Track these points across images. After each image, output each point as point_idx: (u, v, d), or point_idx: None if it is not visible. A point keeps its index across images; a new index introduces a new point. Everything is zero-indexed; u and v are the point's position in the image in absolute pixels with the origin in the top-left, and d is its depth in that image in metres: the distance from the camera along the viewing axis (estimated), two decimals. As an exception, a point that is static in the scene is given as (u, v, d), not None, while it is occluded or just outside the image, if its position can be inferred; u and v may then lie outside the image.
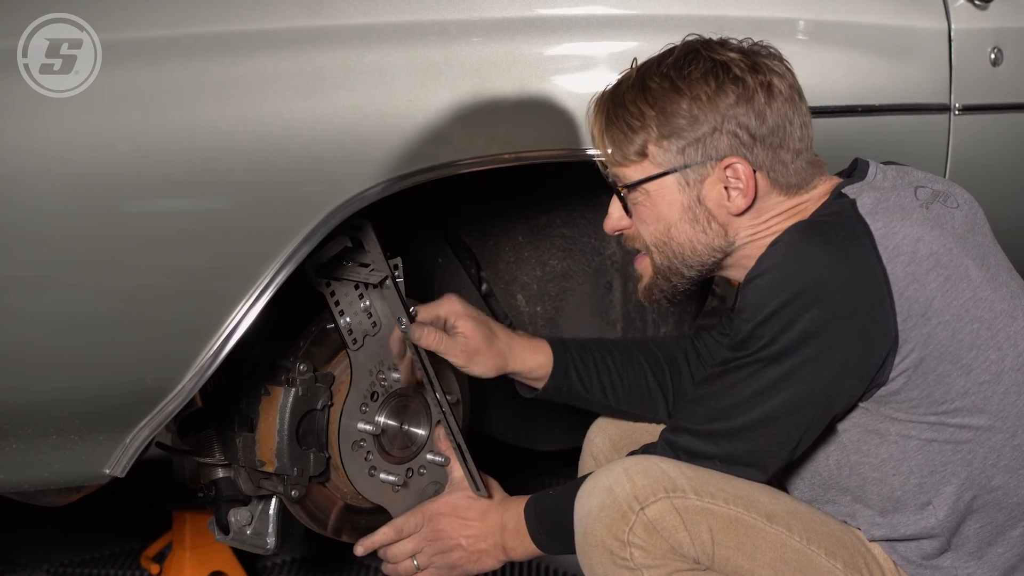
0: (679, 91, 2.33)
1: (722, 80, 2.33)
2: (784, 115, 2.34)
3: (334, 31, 2.39)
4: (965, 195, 2.46)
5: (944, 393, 2.28)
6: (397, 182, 2.40)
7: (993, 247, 2.43)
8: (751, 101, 2.32)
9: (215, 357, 2.34)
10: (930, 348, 2.25)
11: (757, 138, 2.33)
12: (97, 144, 2.18)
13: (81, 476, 2.39)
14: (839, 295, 2.21)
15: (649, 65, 2.39)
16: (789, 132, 2.35)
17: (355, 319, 2.63)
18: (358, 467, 2.66)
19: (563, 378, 2.66)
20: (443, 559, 2.63)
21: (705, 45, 2.38)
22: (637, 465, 2.32)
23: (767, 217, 2.39)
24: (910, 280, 2.23)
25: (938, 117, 3.20)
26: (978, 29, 3.28)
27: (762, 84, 2.33)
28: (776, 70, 2.36)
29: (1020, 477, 2.33)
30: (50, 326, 2.21)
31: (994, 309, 2.31)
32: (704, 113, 2.33)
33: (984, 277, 2.32)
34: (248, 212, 2.30)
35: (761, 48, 2.39)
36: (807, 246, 2.24)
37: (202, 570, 3.25)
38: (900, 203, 2.33)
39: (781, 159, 2.35)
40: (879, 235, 2.25)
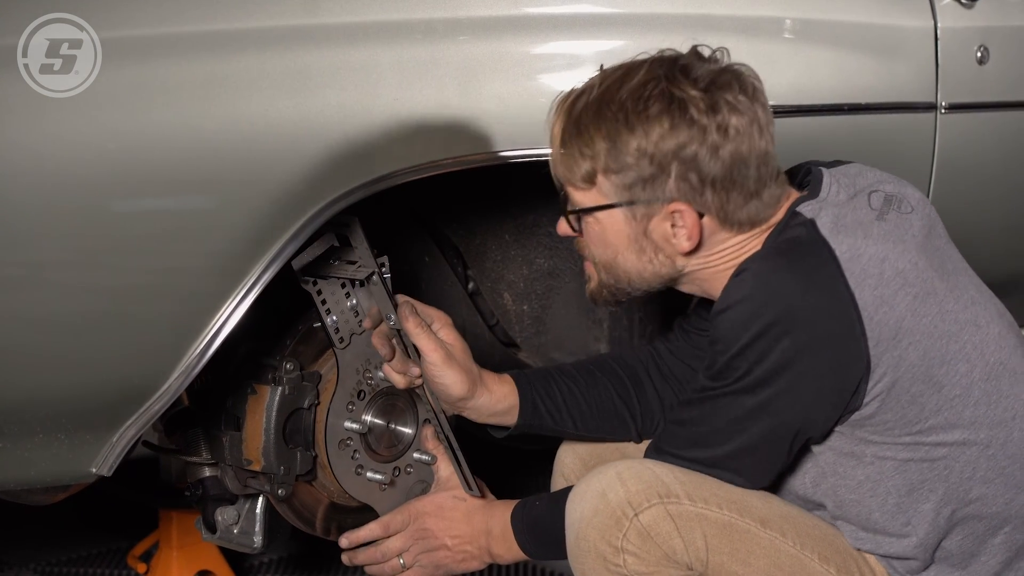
0: (631, 128, 2.26)
1: (677, 121, 2.25)
2: (739, 158, 2.26)
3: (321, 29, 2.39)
4: (916, 195, 2.44)
5: (918, 413, 2.27)
6: (383, 180, 2.40)
7: (948, 248, 2.42)
8: (704, 145, 2.25)
9: (202, 356, 2.34)
10: (902, 370, 2.24)
11: (707, 182, 2.27)
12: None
13: (68, 475, 2.39)
14: (810, 324, 2.21)
15: (610, 85, 2.30)
16: (743, 174, 2.28)
17: (341, 317, 2.62)
18: (345, 466, 2.66)
19: (532, 414, 2.62)
20: (428, 558, 2.63)
21: (669, 74, 2.28)
22: (630, 470, 2.31)
23: (718, 250, 2.36)
24: (879, 303, 2.22)
25: (924, 116, 3.20)
26: (964, 28, 3.28)
27: (719, 127, 2.25)
28: (738, 107, 2.26)
29: (997, 487, 2.33)
30: (37, 325, 2.21)
31: (959, 320, 2.30)
32: (653, 155, 2.27)
33: (947, 287, 2.31)
34: (234, 211, 2.30)
35: (730, 75, 2.29)
36: (774, 275, 2.23)
37: (189, 569, 3.25)
38: (858, 218, 2.31)
39: (733, 201, 2.30)
40: (844, 258, 2.23)
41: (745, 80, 2.29)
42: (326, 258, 2.55)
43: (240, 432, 2.60)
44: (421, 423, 2.74)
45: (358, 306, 2.64)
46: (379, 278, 2.50)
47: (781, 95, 2.89)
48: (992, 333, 2.34)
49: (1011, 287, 3.64)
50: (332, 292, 2.61)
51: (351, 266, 2.54)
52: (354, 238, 2.52)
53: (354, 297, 2.63)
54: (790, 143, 2.90)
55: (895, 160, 3.16)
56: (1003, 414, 2.31)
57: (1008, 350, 2.35)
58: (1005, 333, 2.37)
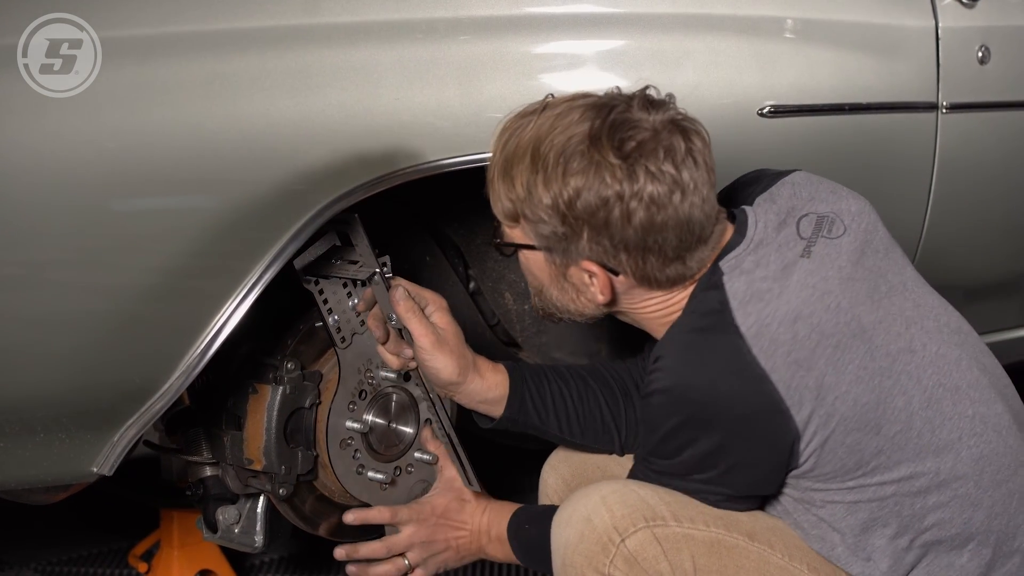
0: (547, 184, 2.24)
1: (591, 185, 2.21)
2: (653, 227, 2.23)
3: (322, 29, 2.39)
4: (854, 207, 2.41)
5: (857, 460, 2.26)
6: (384, 181, 2.40)
7: (886, 262, 2.38)
8: (616, 212, 2.22)
9: (203, 355, 2.34)
10: (832, 424, 2.22)
11: (620, 247, 2.26)
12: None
13: (69, 474, 2.39)
14: (729, 411, 2.21)
15: (543, 130, 2.26)
16: (660, 241, 2.25)
17: (343, 317, 2.62)
18: (346, 466, 2.66)
19: (519, 409, 2.60)
20: (433, 560, 2.66)
21: (596, 134, 2.22)
22: (615, 493, 2.30)
23: (641, 301, 2.37)
24: (795, 369, 2.20)
25: (926, 115, 3.20)
26: (965, 27, 3.28)
27: (633, 195, 2.21)
28: (657, 175, 2.20)
29: (952, 509, 2.29)
30: (38, 324, 2.21)
31: (890, 352, 2.27)
32: (565, 216, 2.25)
33: (876, 319, 2.28)
34: (235, 210, 2.30)
35: (663, 138, 2.23)
36: (687, 368, 2.24)
37: (190, 568, 3.25)
38: (782, 261, 2.29)
39: (651, 265, 2.28)
40: (751, 335, 2.21)
41: (676, 143, 2.23)
42: (328, 258, 2.55)
43: (241, 431, 2.60)
44: (422, 423, 2.74)
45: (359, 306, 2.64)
46: (380, 278, 2.50)
47: (782, 95, 2.89)
48: (929, 353, 2.31)
49: (1012, 287, 3.65)
50: (334, 292, 2.61)
51: (353, 266, 2.54)
52: (355, 236, 2.51)
53: (356, 297, 2.63)
54: (791, 143, 2.91)
55: (896, 160, 3.16)
56: (948, 436, 2.28)
57: (948, 366, 2.32)
58: (945, 349, 2.33)
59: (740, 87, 2.83)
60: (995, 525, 2.31)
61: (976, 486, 2.29)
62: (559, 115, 2.26)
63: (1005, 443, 2.32)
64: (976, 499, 2.30)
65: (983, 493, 2.30)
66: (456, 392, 2.54)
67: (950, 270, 3.40)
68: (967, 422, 2.29)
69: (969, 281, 3.53)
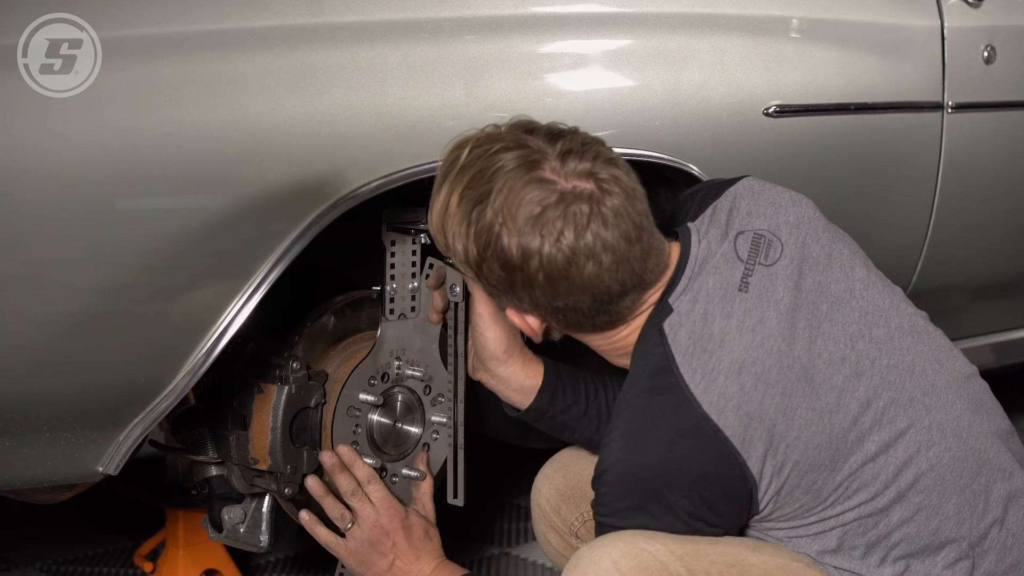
0: (456, 239, 2.23)
1: (494, 252, 2.20)
2: (556, 293, 2.21)
3: (327, 29, 2.39)
4: (791, 218, 2.38)
5: (815, 497, 2.24)
6: (389, 180, 2.40)
7: (827, 273, 2.34)
8: (517, 278, 2.21)
9: (208, 355, 2.34)
10: (786, 470, 2.21)
11: (535, 305, 2.26)
12: (97, 144, 2.18)
13: (74, 474, 2.39)
14: (685, 471, 2.20)
15: (465, 183, 2.22)
16: (569, 304, 2.23)
17: (399, 294, 2.66)
18: (345, 433, 2.66)
19: (549, 402, 2.61)
20: (367, 551, 2.61)
21: (502, 206, 2.18)
22: (626, 557, 2.21)
23: (582, 337, 2.36)
24: (746, 422, 2.18)
25: (931, 115, 3.20)
26: (971, 27, 3.28)
27: (532, 262, 2.18)
28: (554, 245, 2.17)
29: (917, 523, 2.27)
30: (44, 324, 2.22)
31: (836, 384, 2.25)
32: (478, 275, 2.25)
33: (817, 351, 2.25)
34: (240, 210, 2.30)
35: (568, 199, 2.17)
36: (639, 436, 2.22)
37: (195, 568, 3.24)
38: (722, 291, 2.27)
39: (571, 319, 2.28)
40: (699, 391, 2.19)
41: (580, 209, 2.18)
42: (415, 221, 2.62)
43: (246, 431, 2.60)
44: (421, 444, 2.75)
45: (417, 292, 2.68)
46: None
47: (788, 95, 2.89)
48: (879, 368, 2.28)
49: (1017, 287, 3.64)
50: (403, 263, 2.66)
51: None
52: None
53: (420, 284, 2.67)
54: (796, 143, 2.91)
55: (901, 160, 3.16)
56: (905, 453, 2.26)
57: (901, 378, 2.29)
58: (896, 358, 2.30)
59: (745, 87, 2.83)
60: (964, 530, 2.29)
61: (939, 496, 2.27)
62: (480, 163, 2.22)
63: (966, 444, 2.30)
64: (941, 508, 2.27)
65: (947, 501, 2.28)
66: (495, 371, 2.57)
67: (956, 270, 3.40)
68: (923, 433, 2.27)
69: (975, 281, 3.53)
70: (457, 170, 2.23)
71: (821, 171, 2.55)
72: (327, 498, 2.64)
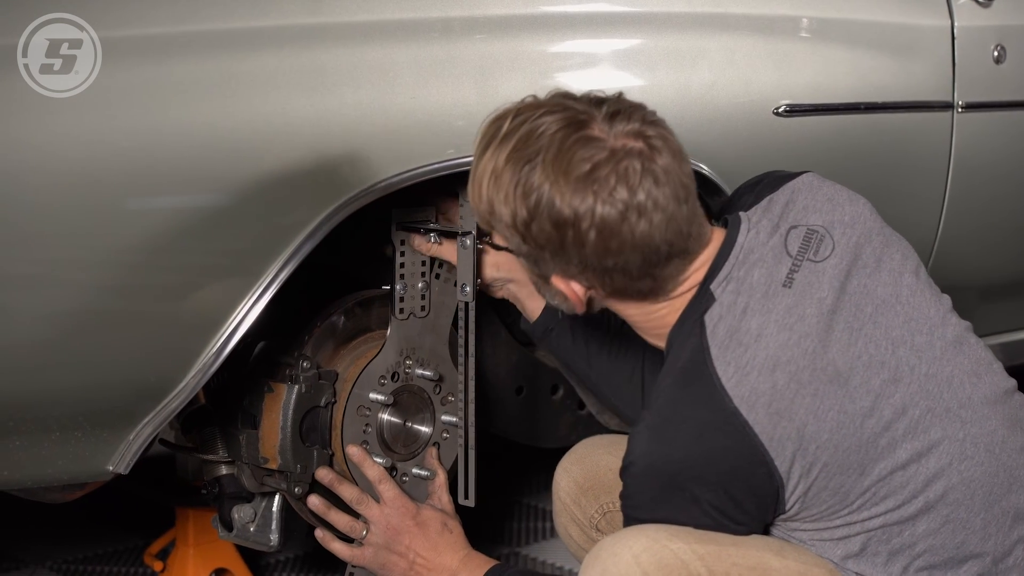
0: (506, 204, 2.20)
1: (544, 210, 2.18)
2: (607, 251, 2.19)
3: (337, 28, 2.39)
4: (847, 217, 2.37)
5: (841, 500, 2.23)
6: (400, 179, 2.40)
7: (875, 276, 2.33)
8: (568, 239, 2.19)
9: (218, 354, 2.34)
10: (815, 472, 2.19)
11: (582, 267, 2.24)
12: (97, 144, 2.18)
13: (84, 473, 2.40)
14: (712, 466, 2.19)
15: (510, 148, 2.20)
16: (621, 261, 2.21)
17: (409, 292, 2.67)
18: (355, 433, 2.66)
19: (554, 315, 2.63)
20: (385, 555, 2.63)
21: (553, 159, 2.17)
22: (647, 552, 2.20)
23: (620, 309, 2.35)
24: (776, 420, 2.17)
25: (941, 115, 3.19)
26: (981, 27, 3.28)
27: (584, 219, 2.17)
28: (608, 200, 2.15)
29: (943, 535, 2.25)
30: (53, 323, 2.22)
31: (872, 388, 2.23)
32: (525, 236, 2.23)
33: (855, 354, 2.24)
34: (251, 209, 2.30)
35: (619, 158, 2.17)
36: (667, 429, 2.21)
37: (205, 567, 3.25)
38: (765, 285, 2.26)
39: (618, 282, 2.25)
40: (731, 385, 2.18)
41: (632, 164, 2.17)
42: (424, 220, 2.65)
43: (257, 430, 2.61)
44: (430, 443, 2.75)
45: (427, 292, 2.69)
46: (473, 242, 2.57)
47: (798, 94, 2.89)
48: (918, 376, 2.26)
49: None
50: (412, 263, 2.67)
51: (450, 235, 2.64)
52: (464, 196, 2.57)
53: (430, 283, 2.69)
54: (807, 143, 2.91)
55: (912, 159, 3.15)
56: (937, 464, 2.24)
57: (939, 388, 2.27)
58: (936, 367, 2.28)
59: (756, 86, 2.83)
60: (988, 546, 2.27)
61: (967, 510, 2.26)
62: (526, 127, 2.22)
63: (998, 461, 2.28)
64: (968, 522, 2.26)
65: (975, 516, 2.26)
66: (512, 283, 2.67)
67: (965, 269, 3.40)
68: (957, 446, 2.25)
69: (984, 280, 3.53)
70: (501, 137, 2.22)
71: (831, 171, 2.54)
72: (332, 513, 2.65)
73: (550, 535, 3.79)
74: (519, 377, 3.14)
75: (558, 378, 3.18)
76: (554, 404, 3.23)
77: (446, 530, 2.65)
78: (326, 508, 2.64)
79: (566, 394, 3.22)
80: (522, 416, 3.19)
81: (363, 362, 2.65)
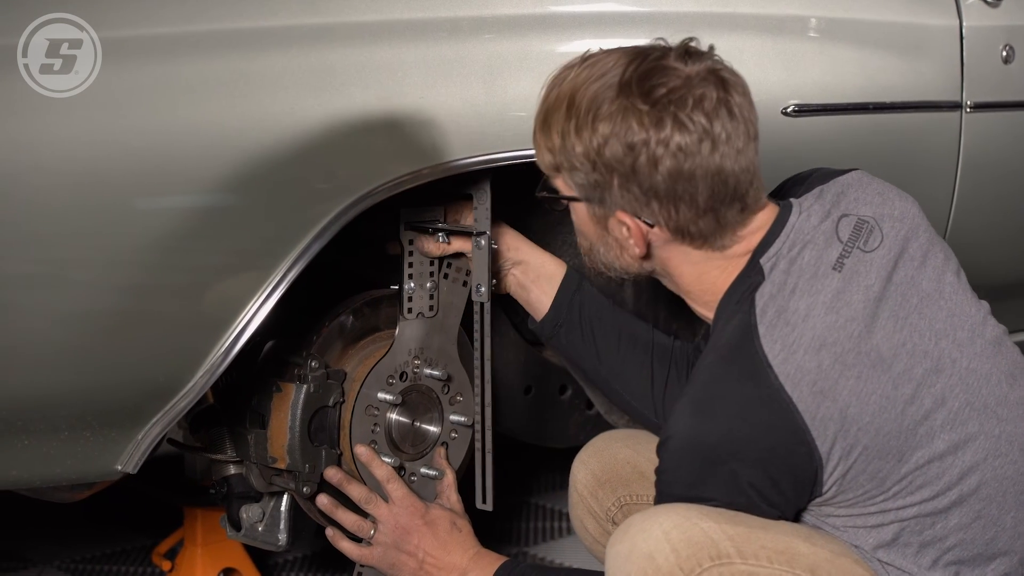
0: (579, 132, 2.25)
1: (618, 133, 2.22)
2: (681, 175, 2.22)
3: (345, 28, 2.39)
4: (896, 212, 2.39)
5: (878, 486, 2.23)
6: (409, 179, 2.40)
7: (922, 270, 2.34)
8: (642, 159, 2.22)
9: (227, 354, 2.34)
10: (855, 455, 2.20)
11: (651, 195, 2.25)
12: (97, 144, 2.18)
13: (93, 472, 2.40)
14: (753, 442, 2.19)
15: (580, 80, 2.27)
16: (690, 190, 2.24)
17: (418, 292, 2.68)
18: (364, 432, 2.66)
19: (565, 310, 2.66)
20: (393, 554, 2.63)
21: (628, 82, 2.22)
22: (678, 528, 2.19)
23: (675, 263, 2.36)
24: (820, 399, 2.18)
25: (949, 115, 3.19)
26: (990, 27, 3.28)
27: (660, 142, 2.21)
28: (687, 124, 2.20)
29: (974, 530, 2.27)
30: (61, 323, 2.22)
31: (915, 377, 2.24)
32: (595, 163, 2.25)
33: (900, 341, 2.25)
34: (259, 209, 2.30)
35: (697, 88, 2.22)
36: (710, 404, 2.22)
37: (213, 567, 3.25)
38: (815, 267, 2.28)
39: (683, 215, 2.27)
40: (777, 363, 2.19)
41: (709, 93, 2.22)
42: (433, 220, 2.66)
43: (265, 430, 2.61)
44: (439, 442, 2.75)
45: (435, 292, 2.70)
46: (487, 243, 2.58)
47: (806, 94, 2.89)
48: (959, 369, 2.28)
49: (1036, 287, 3.64)
50: (421, 262, 2.68)
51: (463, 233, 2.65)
52: (479, 198, 2.58)
53: (439, 283, 2.69)
54: (815, 142, 2.90)
55: (920, 159, 3.15)
56: (973, 458, 2.25)
57: (978, 382, 2.29)
58: (976, 363, 2.30)
59: (764, 86, 2.82)
60: (1018, 545, 2.29)
61: (999, 507, 2.27)
62: (596, 64, 2.27)
63: None
64: (999, 519, 2.27)
65: (1006, 514, 2.28)
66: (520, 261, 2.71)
67: (974, 269, 3.37)
68: (993, 442, 2.27)
69: (994, 280, 3.52)
70: (573, 74, 2.28)
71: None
72: (339, 512, 2.65)
73: (558, 535, 3.79)
74: (527, 377, 3.14)
75: (567, 378, 3.19)
76: (563, 404, 3.23)
77: (455, 529, 2.65)
78: (334, 507, 2.65)
79: (575, 394, 3.22)
80: (530, 416, 3.19)
81: (371, 362, 2.65)
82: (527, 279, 2.73)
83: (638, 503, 2.69)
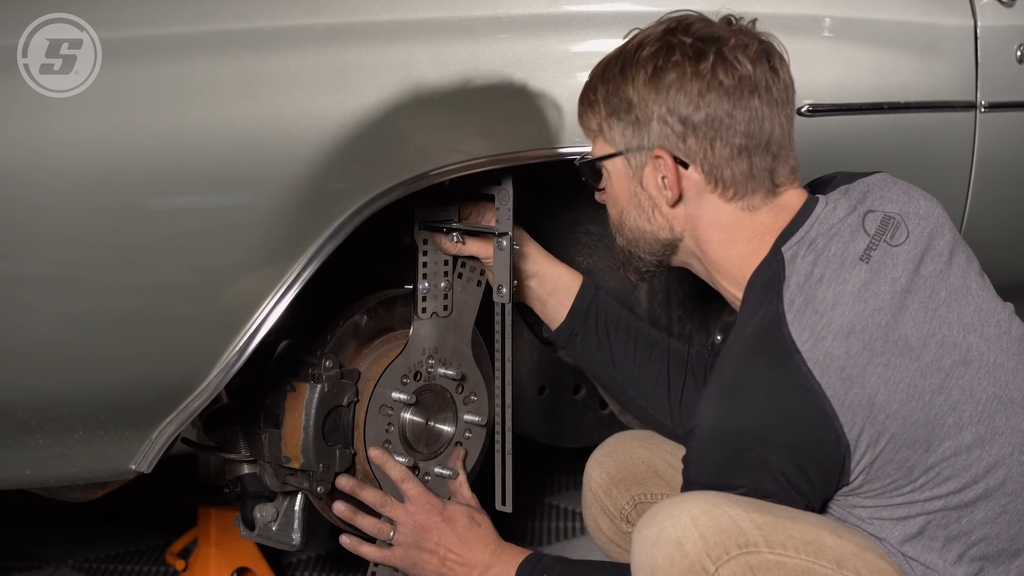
0: (624, 74, 2.33)
1: (661, 65, 2.30)
2: (720, 108, 2.29)
3: (360, 27, 2.39)
4: (922, 210, 2.40)
5: (905, 476, 2.23)
6: (425, 178, 2.40)
7: (948, 266, 2.35)
8: (684, 89, 2.29)
9: (241, 353, 2.34)
10: (882, 443, 2.20)
11: (689, 128, 2.30)
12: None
13: (107, 472, 2.40)
14: (781, 429, 2.19)
15: (627, 43, 2.39)
16: (727, 125, 2.29)
17: (432, 292, 2.68)
18: (378, 433, 2.66)
19: (581, 320, 2.67)
20: (415, 553, 2.63)
21: (672, 26, 2.35)
22: (706, 515, 2.19)
23: (706, 223, 2.37)
24: (848, 385, 2.18)
25: (964, 115, 3.19)
26: (1004, 26, 3.27)
27: (700, 73, 2.29)
28: (729, 60, 2.28)
29: (1000, 525, 2.27)
30: (75, 323, 2.22)
31: (943, 366, 2.25)
32: (639, 97, 2.32)
33: (929, 332, 2.26)
34: (274, 208, 2.30)
35: (738, 39, 2.32)
36: (738, 391, 2.22)
37: (227, 566, 3.25)
38: (841, 257, 2.29)
39: (718, 153, 2.30)
40: (806, 349, 2.19)
41: (751, 43, 2.32)
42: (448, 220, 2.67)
43: (279, 429, 2.61)
44: (453, 442, 2.75)
45: (449, 292, 2.70)
46: (510, 244, 2.59)
47: (821, 93, 2.89)
48: (986, 363, 2.28)
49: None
50: (435, 262, 2.68)
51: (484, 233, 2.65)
52: (501, 199, 2.59)
53: (453, 283, 2.70)
54: (830, 142, 2.90)
55: (934, 159, 3.15)
56: (999, 452, 2.26)
57: (1005, 377, 2.29)
58: (1003, 358, 2.31)
59: (778, 86, 2.82)
60: None
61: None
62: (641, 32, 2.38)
63: None
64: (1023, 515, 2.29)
65: None
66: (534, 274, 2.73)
67: (988, 268, 3.38)
68: (1020, 437, 2.27)
69: (1008, 280, 3.51)
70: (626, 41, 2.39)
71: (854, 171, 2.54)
72: (358, 517, 2.65)
73: (572, 534, 3.79)
74: (541, 377, 3.14)
75: (580, 377, 3.18)
76: (576, 404, 3.23)
77: (474, 524, 2.64)
78: (352, 513, 2.65)
79: (588, 393, 3.22)
80: (544, 415, 3.19)
81: (386, 361, 2.65)
82: (543, 291, 2.74)
83: (653, 502, 2.70)
